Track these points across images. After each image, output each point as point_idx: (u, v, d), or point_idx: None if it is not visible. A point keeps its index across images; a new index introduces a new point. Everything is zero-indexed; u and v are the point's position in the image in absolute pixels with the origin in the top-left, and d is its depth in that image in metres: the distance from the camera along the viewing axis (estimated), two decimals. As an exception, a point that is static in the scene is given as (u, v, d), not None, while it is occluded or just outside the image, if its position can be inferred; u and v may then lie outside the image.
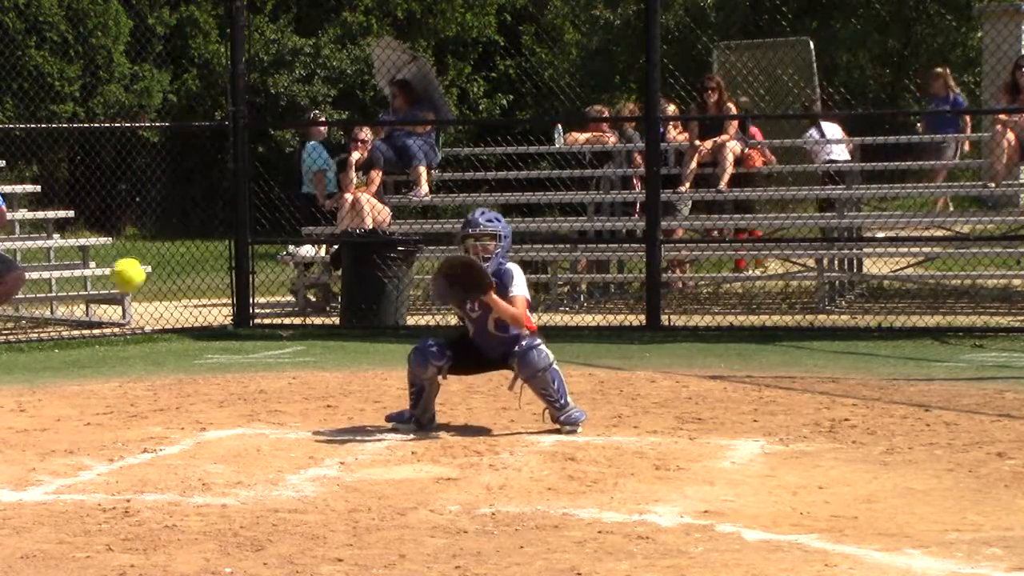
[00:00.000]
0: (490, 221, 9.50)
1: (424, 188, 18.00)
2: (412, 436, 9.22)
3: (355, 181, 17.67)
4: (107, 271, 16.85)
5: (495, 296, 9.29)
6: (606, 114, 19.26)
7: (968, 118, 19.44)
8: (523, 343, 9.28)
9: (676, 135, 18.28)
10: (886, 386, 11.22)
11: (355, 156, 17.92)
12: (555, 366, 9.30)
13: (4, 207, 15.68)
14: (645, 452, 8.66)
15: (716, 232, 18.17)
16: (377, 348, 14.31)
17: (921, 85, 21.18)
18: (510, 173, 18.44)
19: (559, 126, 19.17)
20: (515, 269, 9.52)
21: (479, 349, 9.50)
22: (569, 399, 9.37)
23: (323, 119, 23.19)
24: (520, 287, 9.43)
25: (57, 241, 17.62)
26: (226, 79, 17.37)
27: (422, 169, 17.98)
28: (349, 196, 17.28)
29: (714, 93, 17.43)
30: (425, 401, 9.46)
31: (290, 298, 18.29)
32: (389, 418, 9.60)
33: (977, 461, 8.23)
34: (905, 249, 16.98)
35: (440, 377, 9.43)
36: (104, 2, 32.19)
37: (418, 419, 9.45)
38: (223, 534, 6.77)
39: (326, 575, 6.08)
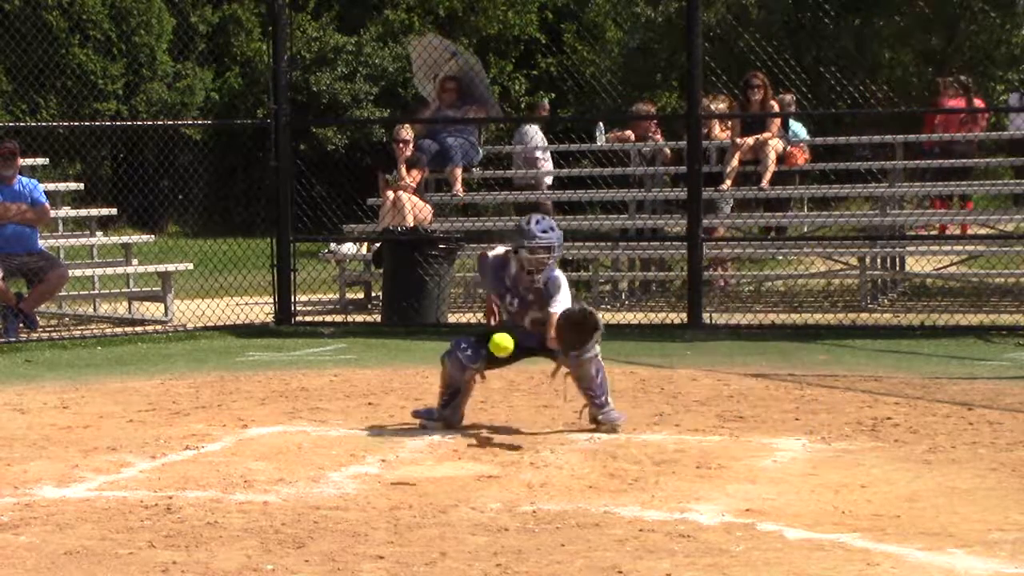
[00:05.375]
0: (545, 232, 9.12)
1: (458, 189, 17.98)
2: (453, 434, 9.23)
3: (403, 180, 17.49)
4: (149, 268, 16.97)
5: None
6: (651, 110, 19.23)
7: None
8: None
9: (719, 132, 18.18)
10: (929, 385, 11.17)
11: (407, 154, 17.79)
12: (598, 358, 9.22)
13: (47, 204, 15.79)
14: (686, 450, 8.64)
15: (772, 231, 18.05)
16: (418, 346, 14.31)
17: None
18: (552, 171, 18.41)
19: (600, 124, 19.15)
20: (562, 281, 9.22)
21: (516, 336, 9.29)
22: (610, 399, 9.32)
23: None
24: (562, 303, 9.15)
25: (100, 239, 17.71)
26: (268, 77, 17.35)
27: (458, 171, 17.97)
28: (390, 194, 17.26)
29: (759, 91, 17.34)
30: (457, 403, 9.41)
31: (332, 296, 18.30)
32: (416, 414, 9.56)
33: (1021, 460, 8.19)
34: (948, 247, 16.88)
35: (478, 377, 9.38)
36: (147, 0, 32.30)
37: (447, 418, 9.41)
38: (264, 531, 6.79)
39: (367, 572, 6.09)
